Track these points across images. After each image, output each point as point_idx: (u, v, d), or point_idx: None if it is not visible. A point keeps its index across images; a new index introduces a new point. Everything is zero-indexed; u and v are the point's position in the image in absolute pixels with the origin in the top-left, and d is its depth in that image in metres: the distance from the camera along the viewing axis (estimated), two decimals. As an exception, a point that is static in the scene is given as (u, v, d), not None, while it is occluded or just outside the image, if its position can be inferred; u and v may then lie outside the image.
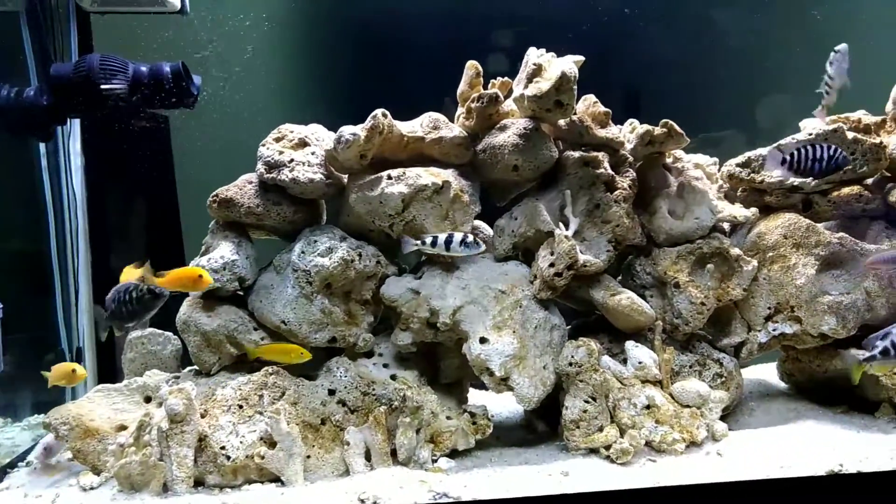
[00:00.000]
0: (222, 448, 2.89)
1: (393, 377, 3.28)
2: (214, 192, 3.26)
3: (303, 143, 3.29)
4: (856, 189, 3.45)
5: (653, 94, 4.93)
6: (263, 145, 3.27)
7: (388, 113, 3.20)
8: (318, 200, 3.50)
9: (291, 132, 3.32)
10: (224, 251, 3.19)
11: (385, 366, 3.35)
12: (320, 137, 3.35)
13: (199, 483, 2.89)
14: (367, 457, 3.04)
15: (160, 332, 3.45)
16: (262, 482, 2.93)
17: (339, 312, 3.22)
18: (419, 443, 3.08)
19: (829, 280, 3.40)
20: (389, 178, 3.19)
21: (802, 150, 3.13)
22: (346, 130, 3.13)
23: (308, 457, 2.99)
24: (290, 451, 2.90)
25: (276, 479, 2.93)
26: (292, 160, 3.20)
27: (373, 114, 3.17)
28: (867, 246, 3.39)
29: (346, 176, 3.37)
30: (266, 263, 3.39)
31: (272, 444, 2.92)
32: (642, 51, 4.95)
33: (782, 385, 3.95)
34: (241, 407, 3.02)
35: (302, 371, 3.23)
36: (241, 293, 3.34)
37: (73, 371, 3.18)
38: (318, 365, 3.29)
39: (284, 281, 3.22)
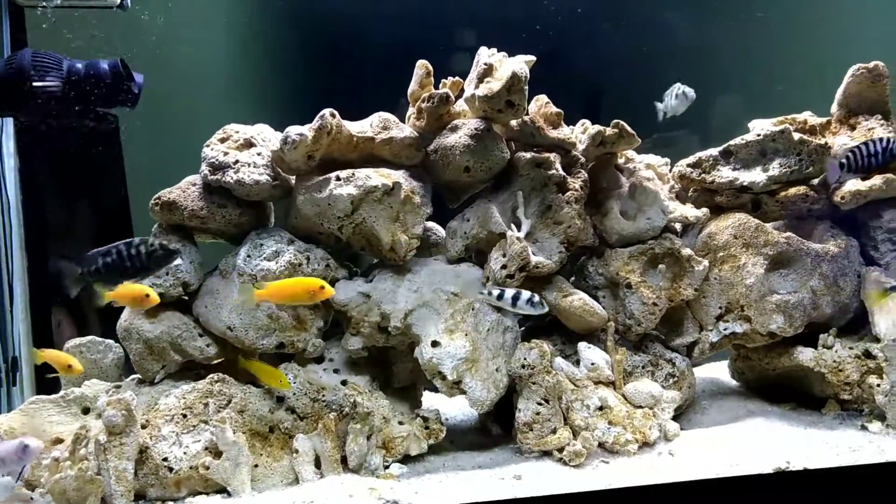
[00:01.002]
0: (164, 460, 2.79)
1: (344, 383, 3.21)
2: (157, 195, 3.16)
3: (248, 144, 3.20)
4: (802, 189, 3.49)
5: (606, 95, 4.95)
6: (208, 146, 3.17)
7: (336, 112, 3.14)
8: (266, 202, 3.41)
9: (237, 132, 3.23)
10: (166, 256, 3.08)
11: (336, 371, 3.28)
12: (267, 138, 3.27)
13: (140, 496, 2.79)
14: (318, 464, 2.97)
15: (100, 339, 3.33)
16: (207, 493, 2.84)
17: (286, 317, 3.13)
18: (370, 449, 3.03)
19: (777, 279, 3.44)
20: (338, 179, 3.12)
21: (857, 152, 3.17)
22: (293, 131, 3.05)
23: (256, 466, 2.91)
24: (236, 461, 2.81)
25: (223, 490, 2.85)
26: (237, 161, 3.11)
27: (320, 113, 3.10)
28: (813, 245, 3.44)
29: (294, 177, 3.29)
30: (212, 268, 3.29)
31: (218, 453, 2.83)
32: (595, 51, 4.97)
33: (734, 383, 3.99)
34: (185, 416, 2.92)
35: (250, 378, 3.14)
36: (185, 298, 3.23)
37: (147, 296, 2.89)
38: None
39: (230, 286, 3.12)
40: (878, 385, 3.20)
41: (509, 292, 3.07)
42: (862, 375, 3.30)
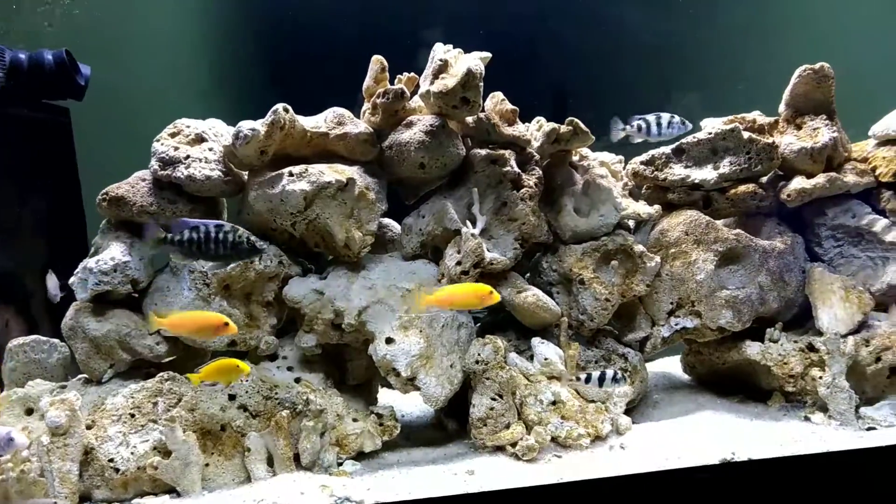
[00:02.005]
0: (110, 460, 2.74)
1: (297, 380, 3.20)
2: (104, 190, 3.09)
3: (200, 139, 3.16)
4: (751, 187, 3.57)
5: (563, 92, 4.99)
6: (158, 140, 3.11)
7: (289, 107, 3.11)
8: (218, 198, 3.36)
9: (188, 127, 3.18)
10: (114, 252, 3.02)
11: (289, 369, 3.26)
12: (219, 133, 3.23)
13: (85, 498, 2.74)
14: (270, 462, 2.95)
15: (45, 339, 3.24)
16: (155, 494, 2.80)
17: (238, 315, 3.10)
18: (324, 446, 3.01)
19: (727, 275, 3.51)
20: (291, 175, 3.09)
21: None
22: (245, 126, 3.02)
23: (207, 465, 2.88)
24: (186, 460, 2.77)
25: (172, 490, 2.81)
26: (188, 156, 3.06)
27: (273, 108, 3.07)
28: (761, 242, 3.52)
29: (247, 173, 3.25)
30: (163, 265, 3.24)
31: (167, 453, 2.79)
32: (553, 49, 4.99)
33: (685, 377, 4.07)
34: (132, 416, 2.87)
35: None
36: (135, 296, 3.17)
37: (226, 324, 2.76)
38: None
39: (181, 283, 3.08)
40: (821, 377, 3.29)
41: (595, 374, 3.08)
42: (805, 368, 3.39)
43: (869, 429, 3.17)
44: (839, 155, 3.59)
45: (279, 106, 3.07)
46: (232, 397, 3.04)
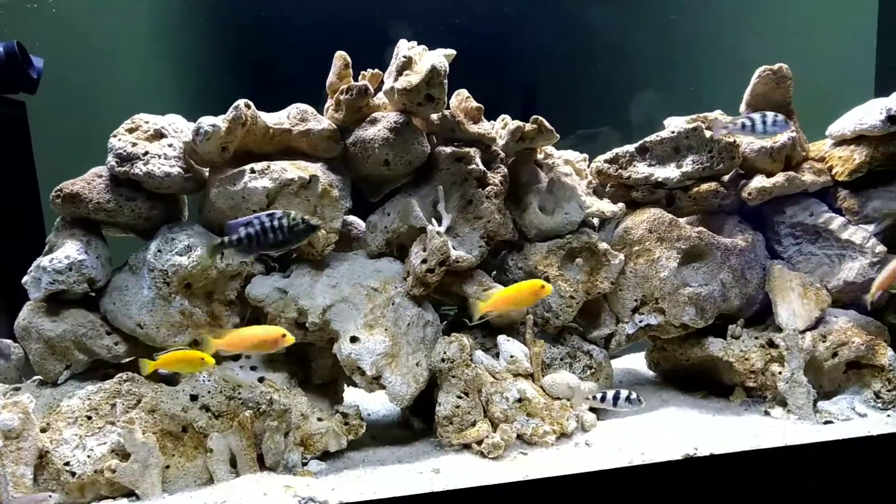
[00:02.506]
0: (66, 464, 2.67)
1: (261, 380, 3.15)
2: (59, 187, 3.01)
3: (159, 135, 3.09)
4: (713, 186, 3.62)
5: (529, 91, 5.00)
6: (115, 136, 3.04)
7: (251, 103, 3.06)
8: (179, 195, 3.30)
9: (146, 122, 3.11)
10: (69, 250, 2.94)
11: (253, 368, 3.21)
12: (179, 128, 3.16)
13: (40, 503, 2.66)
14: (234, 463, 2.91)
15: (-2, 339, 3.16)
16: (114, 498, 2.74)
17: (200, 314, 3.05)
18: (288, 446, 2.98)
19: (690, 272, 3.55)
20: (253, 171, 3.05)
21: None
22: (206, 121, 2.96)
23: (167, 467, 2.82)
24: (145, 463, 2.72)
25: (131, 494, 2.75)
26: (147, 153, 3.00)
27: (235, 104, 3.02)
28: (722, 240, 3.57)
29: (208, 170, 3.19)
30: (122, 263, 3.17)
31: (126, 456, 2.73)
32: (519, 47, 5.01)
33: (651, 373, 4.11)
34: (89, 418, 2.80)
35: (162, 376, 3.04)
36: (92, 295, 3.10)
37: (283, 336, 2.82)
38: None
39: (140, 282, 3.01)
40: (780, 373, 3.35)
41: (610, 393, 3.15)
42: (766, 364, 3.45)
43: (826, 422, 3.24)
44: (798, 154, 3.66)
45: (240, 102, 3.03)
46: (194, 398, 2.98)
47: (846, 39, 5.71)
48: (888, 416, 3.25)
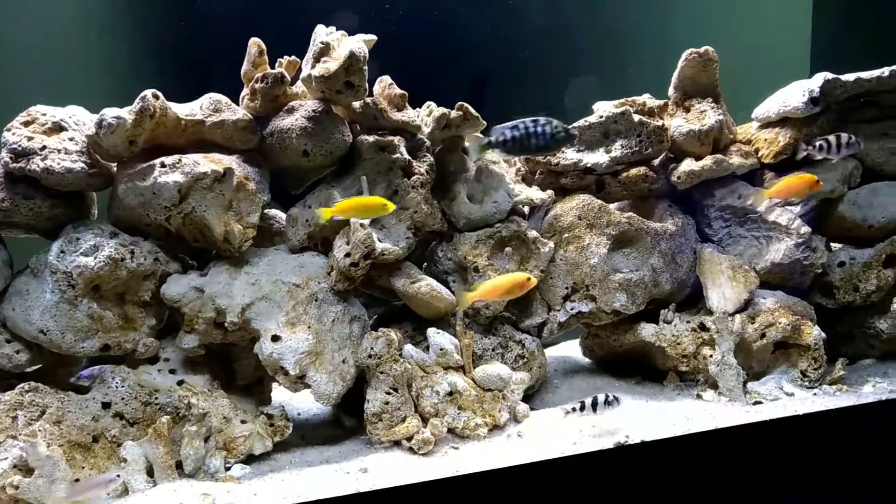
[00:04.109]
0: (-38, 482, 2.50)
1: (180, 383, 3.02)
2: (-52, 185, 2.81)
3: (58, 128, 2.91)
4: (642, 170, 3.60)
5: (458, 77, 4.91)
6: (8, 130, 2.84)
7: (159, 94, 2.90)
8: (86, 192, 3.12)
9: (44, 115, 2.91)
10: (-38, 253, 2.76)
11: (172, 371, 3.07)
12: (81, 121, 2.98)
13: (-65, 525, 2.50)
14: (152, 473, 2.78)
15: None
16: (18, 515, 2.58)
17: (111, 317, 2.89)
18: (209, 451, 2.86)
19: (620, 258, 3.53)
20: (163, 165, 2.89)
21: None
22: (109, 113, 2.80)
23: (77, 480, 2.67)
24: (51, 477, 2.56)
25: (37, 510, 2.59)
26: (45, 147, 2.81)
27: (141, 95, 2.86)
28: (652, 224, 3.56)
29: (116, 165, 3.03)
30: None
31: (30, 471, 2.57)
32: (451, 33, 4.91)
33: (586, 360, 4.10)
34: (-12, 432, 2.63)
35: (71, 385, 2.88)
36: (-8, 300, 2.91)
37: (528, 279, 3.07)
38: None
39: (42, 285, 2.83)
40: (711, 356, 3.36)
41: (588, 400, 3.04)
42: (697, 347, 3.46)
43: (755, 403, 3.26)
44: (725, 137, 3.66)
45: (148, 92, 2.87)
46: (106, 405, 2.85)
47: (782, 21, 5.76)
48: (814, 394, 3.29)
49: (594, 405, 3.04)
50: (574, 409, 3.06)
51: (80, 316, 2.83)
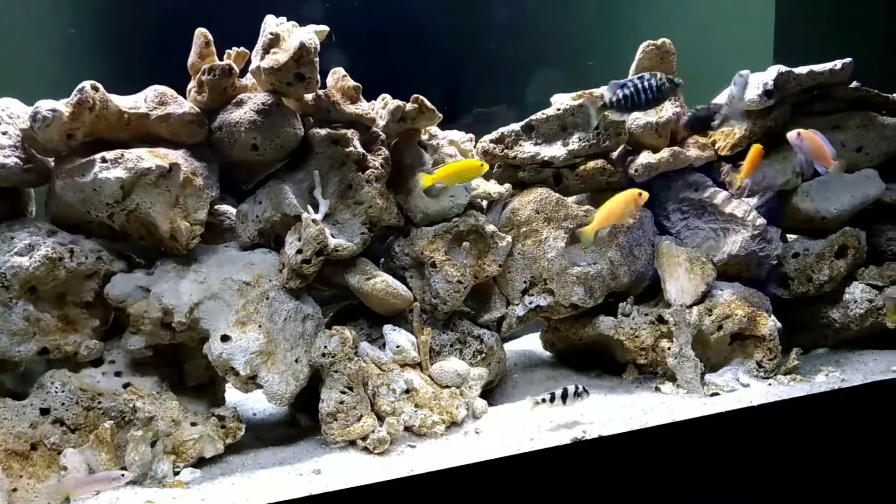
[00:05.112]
0: None
1: (126, 386, 2.91)
2: None
3: (-10, 122, 2.78)
4: (600, 163, 3.57)
5: (421, 71, 4.83)
6: (-64, 124, 2.71)
7: (98, 85, 2.78)
8: (22, 189, 2.99)
9: (-27, 108, 2.78)
10: None
11: (118, 374, 2.96)
12: (14, 114, 2.85)
13: None
14: (95, 480, 2.68)
15: None
16: (-48, 528, 2.47)
17: (49, 319, 2.77)
18: (156, 456, 2.76)
19: (578, 252, 3.51)
20: (104, 161, 2.78)
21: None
22: (44, 106, 2.67)
23: (15, 489, 2.56)
24: (-14, 487, 2.46)
25: (-27, 522, 2.49)
26: (-25, 142, 2.68)
27: (80, 86, 2.74)
28: (610, 217, 3.54)
29: (54, 160, 2.90)
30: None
31: (-36, 481, 2.47)
32: (412, 24, 4.82)
33: (546, 354, 4.08)
34: (-81, 442, 2.51)
35: (9, 391, 2.76)
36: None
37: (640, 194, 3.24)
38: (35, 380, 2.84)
39: (-25, 286, 2.71)
40: (669, 348, 3.37)
41: (558, 391, 3.01)
42: (656, 340, 3.47)
43: (713, 394, 3.28)
44: (682, 129, 3.65)
45: (86, 83, 2.75)
46: (45, 411, 2.73)
47: (745, 12, 5.78)
48: (769, 384, 3.32)
49: (564, 396, 3.02)
50: (544, 401, 3.03)
51: (15, 318, 2.70)
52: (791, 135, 3.28)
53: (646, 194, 3.23)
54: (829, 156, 3.20)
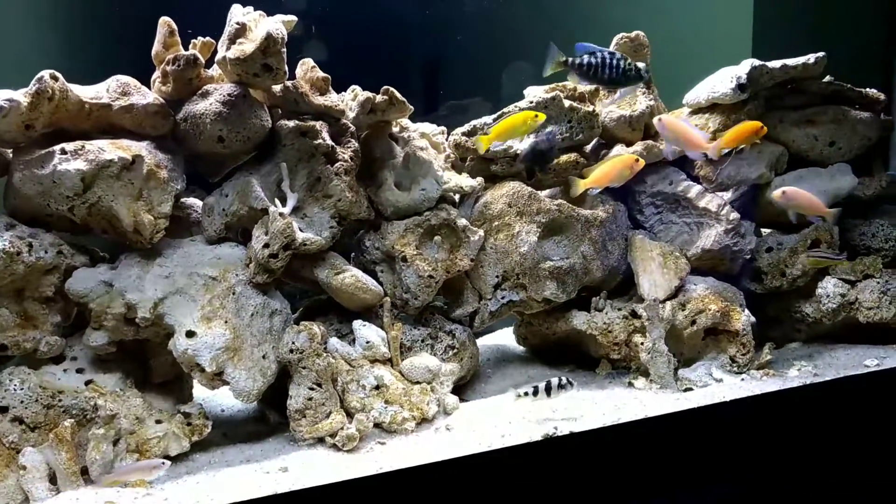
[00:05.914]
0: None
1: (88, 383, 2.85)
2: None
3: (-56, 112, 2.69)
4: (573, 156, 3.55)
5: (396, 62, 4.78)
6: None
7: (58, 75, 2.71)
8: (-21, 180, 2.91)
9: (-73, 98, 2.69)
10: None
11: (80, 371, 2.89)
12: (-30, 104, 2.77)
13: None
14: (55, 480, 2.61)
15: None
16: None
17: (7, 315, 2.70)
18: (119, 455, 2.71)
19: (551, 246, 3.48)
20: (63, 152, 2.70)
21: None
22: (1, 96, 2.60)
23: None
24: (-59, 488, 2.39)
25: (-74, 524, 2.42)
26: (-72, 132, 2.60)
27: (38, 75, 2.66)
28: (582, 211, 3.51)
29: (11, 151, 2.82)
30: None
31: (-82, 481, 2.40)
32: (384, 15, 4.77)
33: (519, 349, 4.05)
34: None
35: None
36: None
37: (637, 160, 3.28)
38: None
39: (-72, 282, 2.63)
40: (642, 343, 3.35)
41: (542, 385, 2.96)
42: (629, 335, 3.45)
43: (686, 390, 3.27)
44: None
45: (45, 73, 2.67)
46: (3, 409, 2.66)
47: (723, 4, 5.76)
48: (742, 379, 3.31)
49: (548, 389, 2.99)
50: (527, 394, 3.00)
51: (-29, 314, 2.63)
52: (654, 121, 3.34)
53: (643, 161, 3.25)
54: (698, 139, 3.22)
